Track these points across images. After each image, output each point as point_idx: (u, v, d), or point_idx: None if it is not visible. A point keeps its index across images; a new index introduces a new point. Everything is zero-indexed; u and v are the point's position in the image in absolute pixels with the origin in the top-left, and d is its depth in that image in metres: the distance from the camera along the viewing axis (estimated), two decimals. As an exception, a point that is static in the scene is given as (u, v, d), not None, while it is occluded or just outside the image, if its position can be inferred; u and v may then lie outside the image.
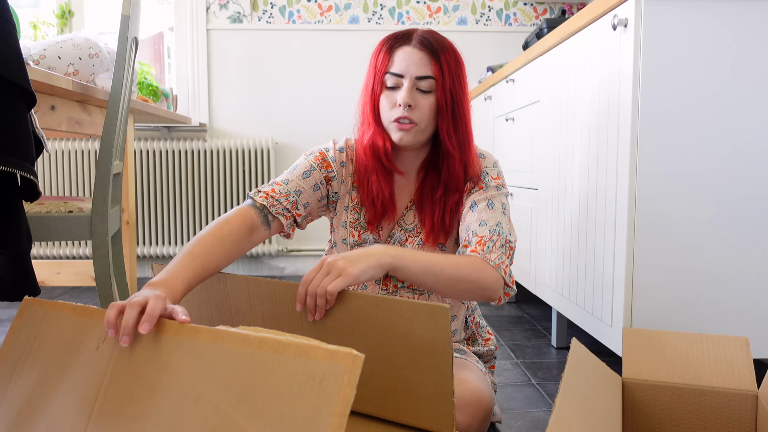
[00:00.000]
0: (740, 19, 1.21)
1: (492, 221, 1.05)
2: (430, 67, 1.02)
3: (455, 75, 1.05)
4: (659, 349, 0.95)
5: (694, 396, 0.90)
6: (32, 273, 1.11)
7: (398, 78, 1.03)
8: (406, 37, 1.05)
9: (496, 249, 1.01)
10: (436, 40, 1.04)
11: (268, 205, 1.03)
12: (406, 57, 1.03)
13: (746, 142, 1.23)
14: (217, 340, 0.62)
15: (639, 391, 0.92)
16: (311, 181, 1.10)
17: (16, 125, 0.99)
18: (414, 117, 1.03)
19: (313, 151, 1.15)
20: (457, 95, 1.05)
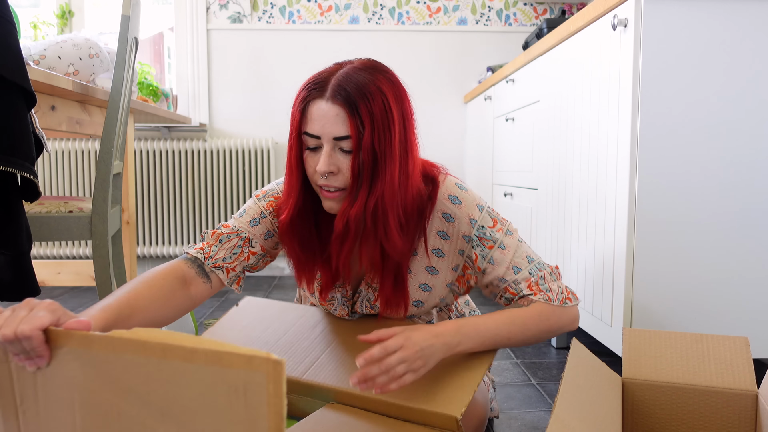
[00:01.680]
0: (740, 19, 1.21)
1: (521, 260, 0.98)
2: (347, 125, 0.85)
3: (381, 126, 0.86)
4: (659, 349, 0.95)
5: (694, 396, 0.90)
6: (32, 273, 1.11)
7: (316, 139, 0.88)
8: (321, 86, 0.87)
9: (548, 281, 0.97)
10: (356, 86, 0.85)
11: (202, 258, 0.95)
12: (321, 114, 0.86)
13: (746, 141, 1.23)
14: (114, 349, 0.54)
15: (639, 391, 0.92)
16: (261, 229, 1.00)
17: (16, 125, 0.99)
18: (339, 183, 0.89)
19: (266, 194, 1.03)
20: (382, 150, 0.87)
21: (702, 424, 0.90)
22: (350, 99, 0.85)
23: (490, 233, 0.97)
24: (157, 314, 0.86)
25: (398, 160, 0.89)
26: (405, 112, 0.91)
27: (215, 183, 2.86)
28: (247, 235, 0.98)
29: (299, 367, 1.02)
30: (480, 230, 0.97)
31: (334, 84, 0.86)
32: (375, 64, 0.91)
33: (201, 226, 2.88)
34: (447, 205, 0.97)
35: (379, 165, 0.87)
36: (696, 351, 0.94)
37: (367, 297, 1.04)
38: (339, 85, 0.86)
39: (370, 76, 0.87)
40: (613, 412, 0.81)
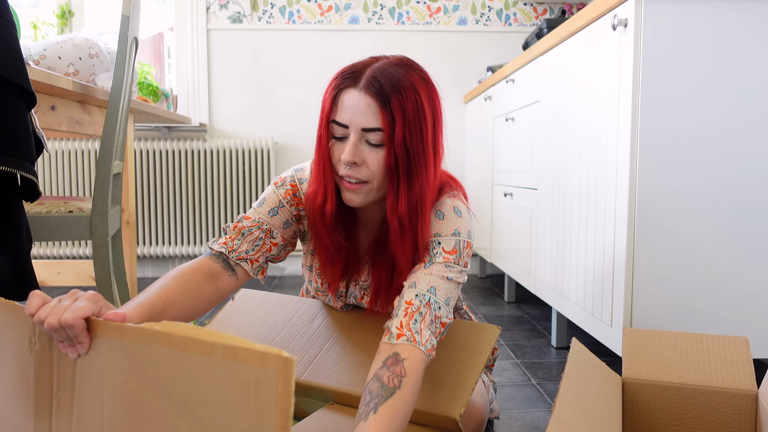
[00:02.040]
0: (740, 18, 1.21)
1: (424, 284, 0.88)
2: (378, 117, 0.84)
3: (413, 123, 0.85)
4: (659, 349, 0.95)
5: (694, 396, 0.90)
6: (32, 273, 1.11)
7: (344, 128, 0.87)
8: (356, 76, 0.86)
9: (425, 327, 0.85)
10: (390, 79, 0.85)
11: (227, 252, 0.95)
12: (352, 104, 0.85)
13: (746, 141, 1.23)
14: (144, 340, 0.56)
15: (639, 391, 0.93)
16: (280, 219, 0.99)
17: (16, 125, 0.99)
18: (362, 175, 0.87)
19: (284, 182, 1.02)
20: (414, 148, 0.86)
21: (702, 424, 0.90)
22: (383, 92, 0.84)
23: (438, 251, 0.91)
24: (189, 308, 0.86)
25: (431, 159, 0.89)
26: (435, 112, 0.91)
27: (215, 183, 2.86)
28: (268, 227, 0.98)
29: (298, 367, 1.02)
30: (434, 243, 0.92)
31: (369, 75, 0.85)
32: (410, 61, 0.91)
33: (201, 226, 2.88)
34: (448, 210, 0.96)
35: (412, 162, 0.86)
36: (696, 351, 0.94)
37: (355, 295, 1.06)
38: (373, 77, 0.85)
39: (405, 72, 0.87)
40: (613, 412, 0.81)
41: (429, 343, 0.84)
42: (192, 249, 2.87)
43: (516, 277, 2.10)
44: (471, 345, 0.98)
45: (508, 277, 2.37)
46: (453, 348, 0.98)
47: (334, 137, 0.89)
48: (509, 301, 2.38)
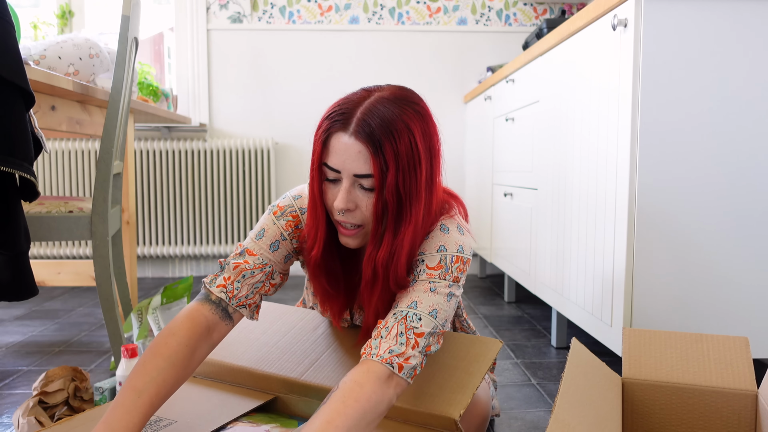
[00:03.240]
0: (740, 18, 1.21)
1: (405, 302, 0.85)
2: (369, 164, 0.81)
3: (406, 166, 0.81)
4: (659, 349, 0.95)
5: (694, 396, 0.90)
6: (30, 273, 1.11)
7: (336, 173, 0.83)
8: (346, 118, 0.82)
9: (389, 339, 0.81)
10: (381, 121, 0.80)
11: (227, 299, 0.89)
12: (343, 149, 0.81)
13: (746, 141, 1.23)
14: None
15: (639, 391, 0.92)
16: (280, 254, 0.95)
17: (14, 125, 0.99)
18: (356, 220, 0.85)
19: (284, 212, 0.97)
20: (407, 192, 0.82)
21: (702, 424, 0.90)
22: (374, 136, 0.79)
23: (422, 269, 0.88)
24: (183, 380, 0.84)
25: (423, 199, 0.85)
26: (432, 149, 0.86)
27: (215, 183, 2.86)
28: (270, 269, 0.93)
29: (298, 368, 1.02)
30: (418, 262, 0.89)
31: (359, 117, 0.81)
32: (405, 94, 0.86)
33: (201, 226, 2.88)
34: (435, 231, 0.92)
35: (404, 206, 0.83)
36: (696, 351, 0.93)
37: (360, 319, 1.08)
38: (364, 120, 0.80)
39: (398, 110, 0.82)
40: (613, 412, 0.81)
41: (389, 353, 0.79)
42: (192, 249, 2.87)
43: (516, 277, 2.10)
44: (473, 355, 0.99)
45: (508, 277, 2.37)
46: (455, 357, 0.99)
47: (327, 179, 0.86)
48: (509, 301, 2.38)
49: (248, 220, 2.88)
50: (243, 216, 2.88)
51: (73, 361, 1.64)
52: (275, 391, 1.02)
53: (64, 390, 1.15)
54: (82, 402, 1.19)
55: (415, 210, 0.84)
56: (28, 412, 1.08)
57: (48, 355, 1.69)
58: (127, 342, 1.62)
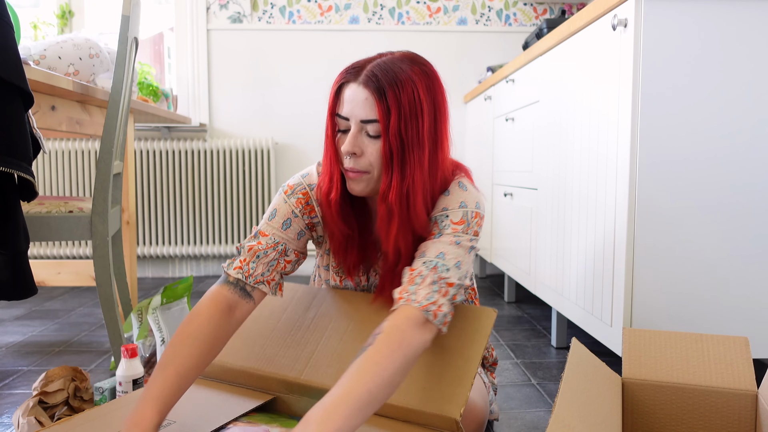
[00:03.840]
0: (740, 18, 1.21)
1: (432, 252, 0.91)
2: (374, 109, 0.88)
3: (408, 114, 0.88)
4: (659, 349, 0.95)
5: (694, 396, 0.90)
6: (29, 273, 1.11)
7: (346, 121, 0.91)
8: (357, 71, 0.91)
9: (424, 287, 0.86)
10: (388, 73, 0.88)
11: (244, 278, 0.95)
12: (352, 97, 0.90)
13: (746, 141, 1.23)
14: None
15: (639, 391, 0.92)
16: (293, 231, 1.01)
17: (13, 125, 0.99)
18: (361, 166, 0.92)
19: (294, 190, 1.04)
20: (410, 139, 0.89)
21: (702, 424, 0.90)
22: (380, 85, 0.88)
23: (446, 224, 0.94)
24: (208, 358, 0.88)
25: (428, 149, 0.91)
26: (437, 104, 0.93)
27: (215, 183, 2.86)
28: (283, 247, 0.99)
29: (297, 365, 1.02)
30: (442, 217, 0.95)
31: (369, 70, 0.90)
32: (414, 56, 0.94)
33: (201, 226, 2.88)
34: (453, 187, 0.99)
35: (407, 152, 0.90)
36: (696, 351, 0.93)
37: (375, 284, 1.08)
38: (372, 72, 0.89)
39: (405, 67, 0.90)
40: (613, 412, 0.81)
41: (426, 300, 0.85)
42: (192, 249, 2.87)
43: (516, 277, 2.10)
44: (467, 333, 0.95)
45: (508, 277, 2.37)
46: (448, 336, 0.95)
47: (339, 130, 0.93)
48: (509, 301, 2.38)
49: (248, 220, 2.88)
50: (243, 216, 2.88)
51: (73, 361, 1.64)
52: (275, 391, 1.02)
53: (64, 390, 1.15)
54: (82, 402, 1.19)
55: (418, 157, 0.91)
56: (28, 412, 1.08)
57: (48, 355, 1.69)
58: (127, 342, 1.62)
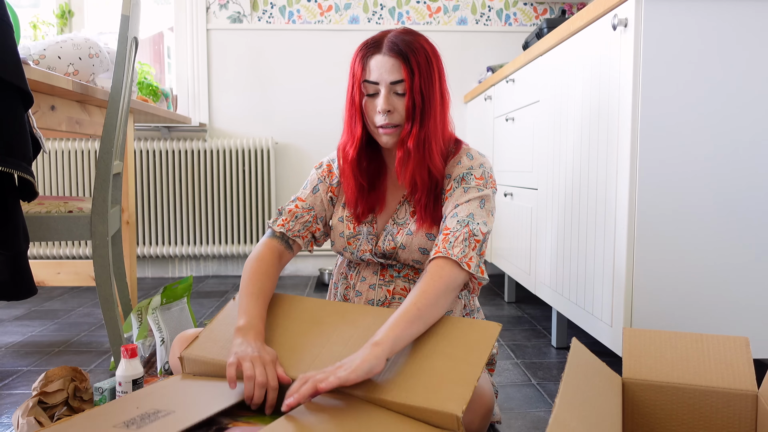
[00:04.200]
0: (740, 18, 1.21)
1: (463, 212, 1.09)
2: (401, 71, 1.08)
3: (425, 74, 1.10)
4: (659, 350, 0.95)
5: (695, 396, 0.89)
6: (29, 273, 1.11)
7: (375, 86, 1.10)
8: (377, 44, 1.10)
9: (458, 243, 1.05)
10: (405, 43, 1.09)
11: (286, 232, 1.19)
12: (379, 65, 1.09)
13: (746, 141, 1.23)
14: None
15: (639, 391, 0.92)
16: (320, 196, 1.23)
17: (13, 125, 0.99)
18: (395, 120, 1.10)
19: (322, 164, 1.27)
20: (428, 93, 1.10)
21: (702, 425, 0.90)
22: (403, 52, 1.08)
23: (470, 179, 1.13)
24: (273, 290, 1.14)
25: (438, 103, 1.12)
26: (439, 66, 1.14)
27: (215, 183, 2.86)
28: (315, 213, 1.22)
29: (300, 366, 1.02)
30: (468, 174, 1.14)
31: (388, 42, 1.09)
32: (413, 30, 1.15)
33: (201, 226, 2.88)
34: (463, 157, 1.17)
35: (425, 105, 1.10)
36: (696, 351, 0.93)
37: (392, 231, 1.18)
38: (393, 42, 1.09)
39: (413, 37, 1.11)
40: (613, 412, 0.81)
41: (461, 254, 1.03)
42: (192, 249, 2.87)
43: (516, 277, 2.10)
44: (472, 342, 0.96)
45: (508, 277, 2.37)
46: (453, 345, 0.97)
47: (368, 95, 1.11)
48: (509, 301, 2.38)
49: (248, 219, 2.88)
50: (243, 216, 2.88)
51: (72, 361, 1.64)
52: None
53: (63, 390, 1.15)
54: (82, 402, 1.18)
55: (434, 109, 1.11)
56: (28, 413, 1.08)
57: (48, 355, 1.69)
58: (127, 342, 1.62)
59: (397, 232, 1.18)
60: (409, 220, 1.18)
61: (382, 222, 1.22)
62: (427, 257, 1.16)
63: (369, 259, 1.21)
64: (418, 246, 1.16)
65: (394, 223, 1.20)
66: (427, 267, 1.03)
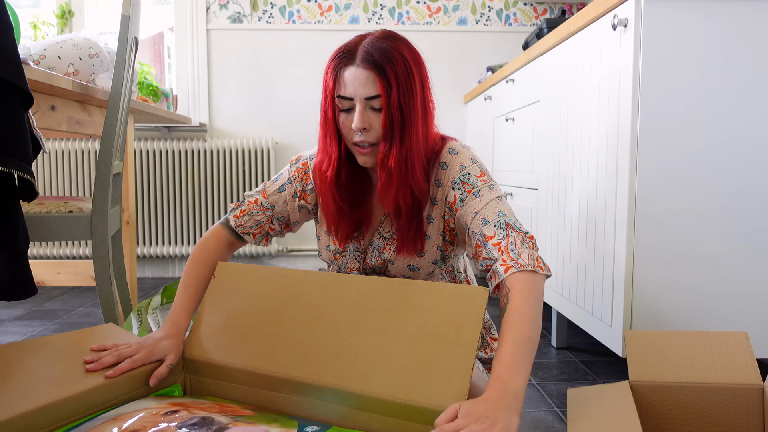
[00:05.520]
0: (740, 18, 1.20)
1: (492, 215, 1.00)
2: (377, 85, 0.97)
3: (405, 86, 0.98)
4: (662, 350, 0.95)
5: (701, 394, 0.89)
6: (29, 273, 1.11)
7: (349, 101, 0.99)
8: (351, 54, 0.99)
9: (520, 249, 0.96)
10: (381, 51, 0.97)
11: (235, 227, 1.15)
12: (353, 78, 0.98)
13: (746, 141, 1.22)
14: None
15: (646, 393, 0.92)
16: (285, 197, 1.15)
17: (13, 126, 0.99)
18: (370, 138, 1.00)
19: (299, 160, 1.17)
20: (408, 107, 0.99)
21: (711, 422, 0.89)
22: (378, 63, 0.96)
23: (473, 180, 1.04)
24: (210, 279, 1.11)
25: (420, 116, 1.02)
26: (422, 74, 1.03)
27: (215, 183, 2.86)
28: (271, 214, 1.16)
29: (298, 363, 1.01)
30: (465, 175, 1.04)
31: (362, 52, 0.97)
32: (393, 33, 1.02)
33: (201, 226, 2.88)
34: (446, 156, 1.07)
35: (405, 120, 0.99)
36: (699, 349, 0.93)
37: (378, 246, 1.12)
38: (367, 52, 0.97)
39: (391, 43, 0.99)
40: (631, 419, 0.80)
41: (530, 258, 0.94)
42: (192, 249, 2.87)
43: (516, 277, 2.09)
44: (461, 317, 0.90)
45: (509, 277, 2.37)
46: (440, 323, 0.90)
47: (342, 110, 1.01)
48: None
49: (248, 220, 2.88)
50: (243, 216, 2.88)
51: (72, 361, 1.63)
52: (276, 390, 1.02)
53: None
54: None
55: (415, 124, 1.01)
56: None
57: (48, 355, 1.69)
58: (127, 342, 1.61)
59: (384, 248, 1.12)
60: (395, 235, 1.10)
61: (368, 237, 1.15)
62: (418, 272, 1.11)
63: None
64: (406, 264, 1.11)
65: (380, 237, 1.13)
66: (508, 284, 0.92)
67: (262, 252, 2.93)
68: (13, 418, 0.77)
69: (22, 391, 0.83)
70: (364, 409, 0.92)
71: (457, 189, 1.04)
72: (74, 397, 0.86)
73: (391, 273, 1.13)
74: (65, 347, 1.00)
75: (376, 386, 0.89)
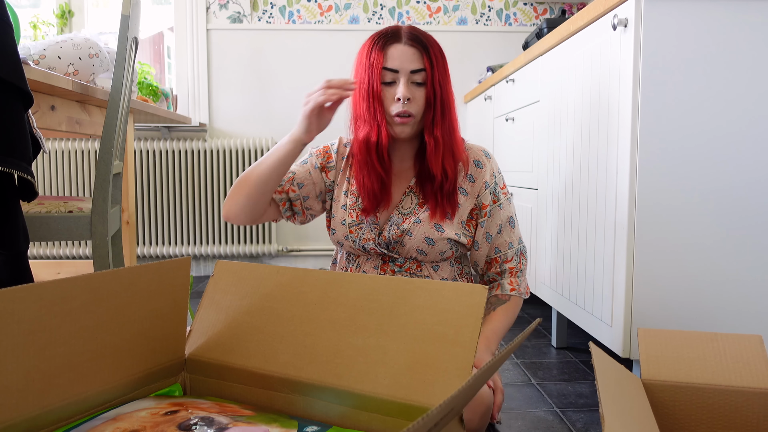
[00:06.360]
0: (740, 18, 1.20)
1: (515, 239, 1.24)
2: (422, 61, 1.11)
3: (441, 67, 1.13)
4: (676, 350, 0.94)
5: (714, 396, 0.89)
6: (29, 273, 1.10)
7: (394, 73, 1.11)
8: (395, 34, 1.13)
9: (522, 277, 1.24)
10: (422, 35, 1.13)
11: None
12: (400, 54, 1.11)
13: (747, 141, 1.22)
14: None
15: (658, 392, 0.92)
16: (306, 167, 1.25)
17: (13, 125, 0.99)
18: (412, 109, 1.12)
19: (318, 146, 1.30)
20: (444, 86, 1.14)
21: (722, 424, 0.89)
22: (423, 43, 1.12)
23: (499, 192, 1.23)
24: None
25: (452, 98, 1.17)
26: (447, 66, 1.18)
27: (215, 183, 2.86)
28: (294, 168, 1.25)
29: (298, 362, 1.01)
30: (494, 185, 1.22)
31: (407, 33, 1.13)
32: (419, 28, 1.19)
33: (201, 226, 2.88)
34: (480, 156, 1.22)
35: (444, 95, 1.14)
36: (712, 350, 0.93)
37: (396, 221, 1.20)
38: (412, 33, 1.13)
39: (425, 32, 1.16)
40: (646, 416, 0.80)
41: (524, 288, 1.24)
42: (192, 249, 2.87)
43: (516, 277, 2.09)
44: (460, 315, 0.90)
45: (509, 277, 2.37)
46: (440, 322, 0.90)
47: (384, 83, 1.12)
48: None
49: (248, 220, 2.88)
50: (243, 216, 2.88)
51: (72, 361, 1.63)
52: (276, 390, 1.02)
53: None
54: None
55: (451, 101, 1.17)
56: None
57: (48, 355, 1.69)
58: (127, 342, 1.61)
59: (403, 221, 1.19)
60: (417, 209, 1.19)
61: (386, 213, 1.22)
62: (433, 247, 1.20)
63: (372, 248, 1.20)
64: (424, 235, 1.17)
65: (399, 213, 1.21)
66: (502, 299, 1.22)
67: (262, 252, 2.93)
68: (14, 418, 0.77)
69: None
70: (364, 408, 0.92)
71: (490, 195, 1.22)
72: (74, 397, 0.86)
73: (405, 247, 1.19)
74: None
75: (376, 386, 0.89)
